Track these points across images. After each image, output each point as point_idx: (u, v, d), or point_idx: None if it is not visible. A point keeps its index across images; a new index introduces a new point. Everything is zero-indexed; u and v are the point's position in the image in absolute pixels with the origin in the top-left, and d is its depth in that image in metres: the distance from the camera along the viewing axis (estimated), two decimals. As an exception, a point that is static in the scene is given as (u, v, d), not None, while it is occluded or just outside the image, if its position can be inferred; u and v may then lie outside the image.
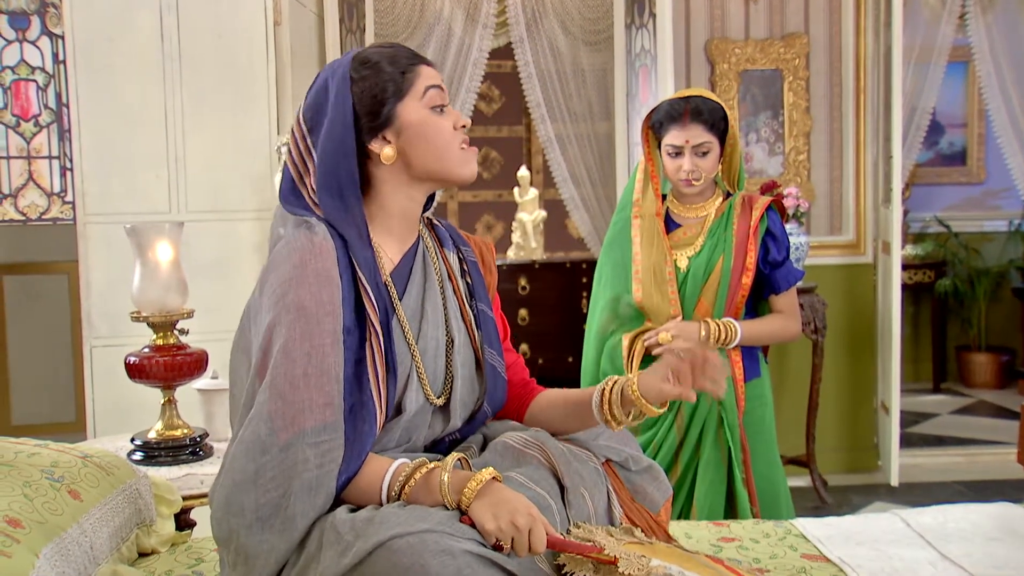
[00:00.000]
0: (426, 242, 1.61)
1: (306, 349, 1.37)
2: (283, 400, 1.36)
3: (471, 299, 1.62)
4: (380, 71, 1.49)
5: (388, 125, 1.50)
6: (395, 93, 1.49)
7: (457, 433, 1.57)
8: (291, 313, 1.39)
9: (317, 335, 1.38)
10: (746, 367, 2.49)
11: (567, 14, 4.67)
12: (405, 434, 1.51)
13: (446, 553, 1.25)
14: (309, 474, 1.34)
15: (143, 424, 2.47)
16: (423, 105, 1.50)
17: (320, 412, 1.35)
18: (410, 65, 1.51)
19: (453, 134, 1.52)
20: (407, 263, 1.56)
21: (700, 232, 2.48)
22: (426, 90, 1.50)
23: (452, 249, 1.64)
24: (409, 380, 1.49)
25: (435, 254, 1.61)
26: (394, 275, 1.53)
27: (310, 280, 1.40)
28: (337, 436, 1.36)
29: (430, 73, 1.53)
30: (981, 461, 4.68)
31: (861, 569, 1.71)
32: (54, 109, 4.17)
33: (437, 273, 1.59)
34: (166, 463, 2.22)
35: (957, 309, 6.33)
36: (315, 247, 1.42)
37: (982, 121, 6.30)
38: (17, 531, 1.43)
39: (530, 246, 5.64)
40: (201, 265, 3.36)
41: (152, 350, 2.24)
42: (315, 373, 1.36)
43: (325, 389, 1.37)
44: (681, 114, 2.41)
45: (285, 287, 1.41)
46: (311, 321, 1.38)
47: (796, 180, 4.47)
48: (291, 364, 1.37)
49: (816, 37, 4.47)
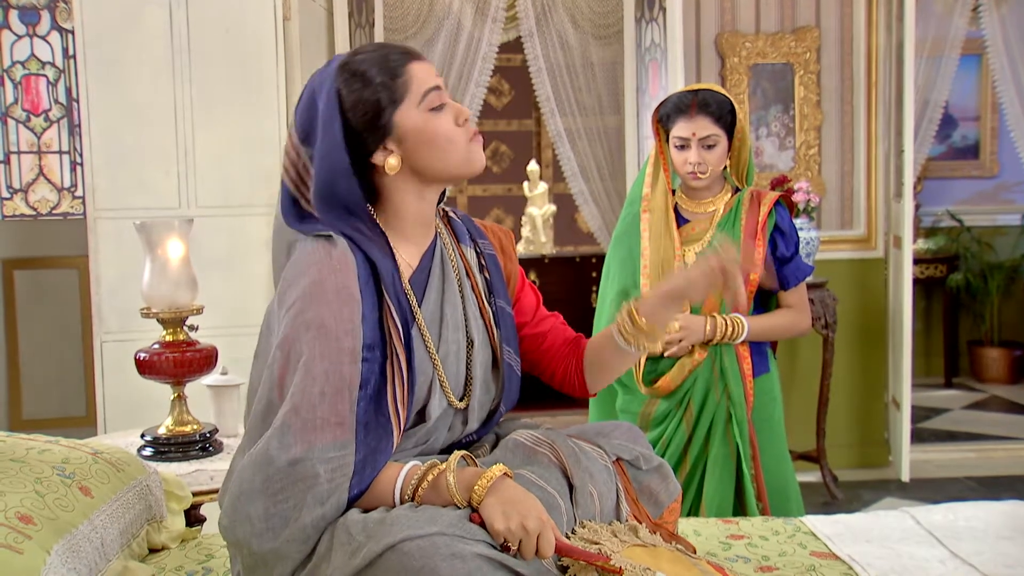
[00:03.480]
0: (443, 239, 1.58)
1: (324, 367, 1.35)
2: (298, 416, 1.34)
3: (490, 295, 1.60)
4: (369, 81, 1.43)
5: (389, 135, 1.45)
6: (390, 101, 1.44)
7: (474, 435, 1.57)
8: (311, 331, 1.36)
9: (335, 353, 1.36)
10: (755, 363, 2.48)
11: (577, 8, 4.65)
12: (424, 437, 1.50)
13: (456, 557, 1.25)
14: (320, 488, 1.33)
15: (153, 419, 2.48)
16: (422, 109, 1.45)
17: (333, 430, 1.34)
18: (400, 67, 1.45)
19: (456, 131, 1.47)
20: (426, 265, 1.53)
21: (708, 227, 2.47)
22: (424, 94, 1.45)
23: (469, 244, 1.62)
24: (432, 388, 1.47)
25: (452, 251, 1.58)
26: (413, 280, 1.51)
27: (330, 297, 1.38)
28: (348, 453, 1.35)
29: (423, 72, 1.46)
30: (993, 457, 4.66)
31: (871, 567, 1.70)
32: (64, 104, 4.17)
33: (456, 271, 1.56)
34: (176, 459, 2.22)
35: (969, 303, 6.29)
36: (334, 261, 1.39)
37: (995, 114, 6.26)
38: (29, 527, 1.44)
39: (540, 240, 5.64)
40: (210, 260, 3.36)
41: (162, 346, 2.25)
42: (332, 392, 1.35)
43: (339, 408, 1.35)
44: (688, 106, 2.40)
45: (304, 303, 1.38)
46: (330, 339, 1.36)
47: (807, 174, 4.45)
48: (310, 382, 1.35)
49: (827, 30, 4.44)
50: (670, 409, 2.46)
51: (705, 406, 2.43)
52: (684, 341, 2.39)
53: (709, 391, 2.43)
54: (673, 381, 2.42)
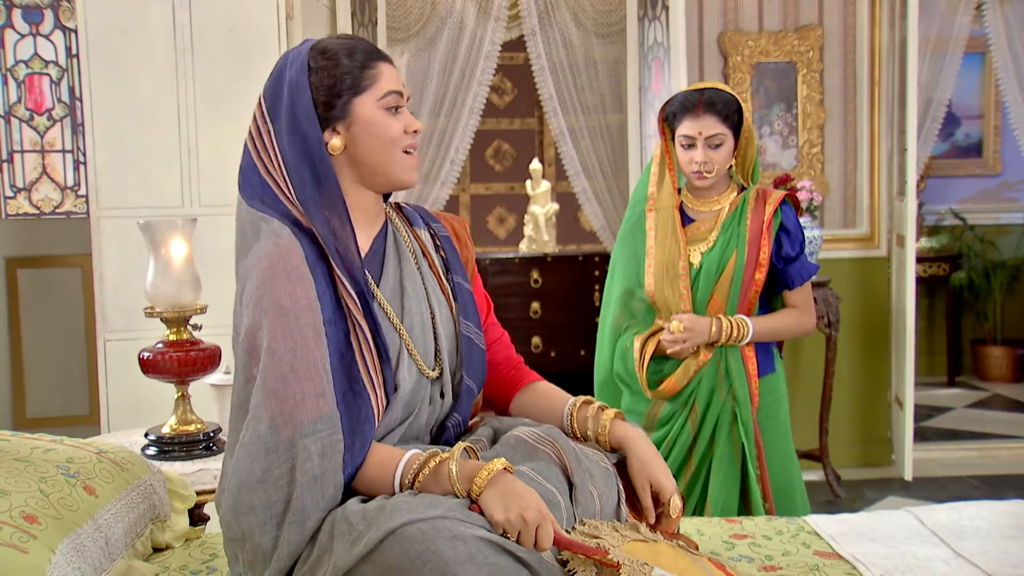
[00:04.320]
0: (395, 223, 1.62)
1: (290, 345, 1.39)
2: (277, 398, 1.37)
3: (447, 272, 1.63)
4: (338, 63, 1.49)
5: (341, 118, 1.50)
6: (351, 87, 1.49)
7: (456, 415, 1.58)
8: (269, 314, 1.40)
9: (298, 330, 1.39)
10: (760, 362, 2.47)
11: (579, 6, 4.65)
12: (405, 411, 1.52)
13: (457, 539, 1.26)
14: (313, 466, 1.35)
15: (157, 418, 2.48)
16: (380, 105, 1.50)
17: (314, 404, 1.37)
18: (369, 61, 1.51)
19: (400, 136, 1.52)
20: (379, 246, 1.58)
21: (713, 227, 2.46)
22: (387, 93, 1.50)
23: (423, 227, 1.66)
24: (400, 358, 1.50)
25: (406, 233, 1.62)
26: (367, 260, 1.54)
27: (282, 280, 1.41)
28: (334, 426, 1.38)
29: (391, 74, 1.53)
30: (996, 455, 4.66)
31: (874, 567, 1.70)
32: (67, 103, 4.18)
33: (411, 251, 1.60)
34: (180, 458, 2.22)
35: (972, 302, 6.28)
36: (281, 250, 1.43)
37: (999, 113, 6.25)
38: (34, 527, 1.44)
39: (542, 239, 5.64)
40: (214, 259, 3.35)
41: (165, 345, 2.25)
42: (302, 367, 1.38)
43: (315, 381, 1.38)
44: (695, 105, 2.40)
45: (260, 292, 1.42)
46: (289, 318, 1.40)
47: (810, 173, 4.44)
48: (278, 362, 1.38)
49: (830, 29, 4.44)
50: (675, 410, 2.46)
51: (710, 406, 2.43)
52: (688, 342, 2.38)
53: (714, 391, 2.43)
54: (678, 383, 2.42)
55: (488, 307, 1.74)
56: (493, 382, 1.71)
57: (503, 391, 1.72)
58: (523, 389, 1.70)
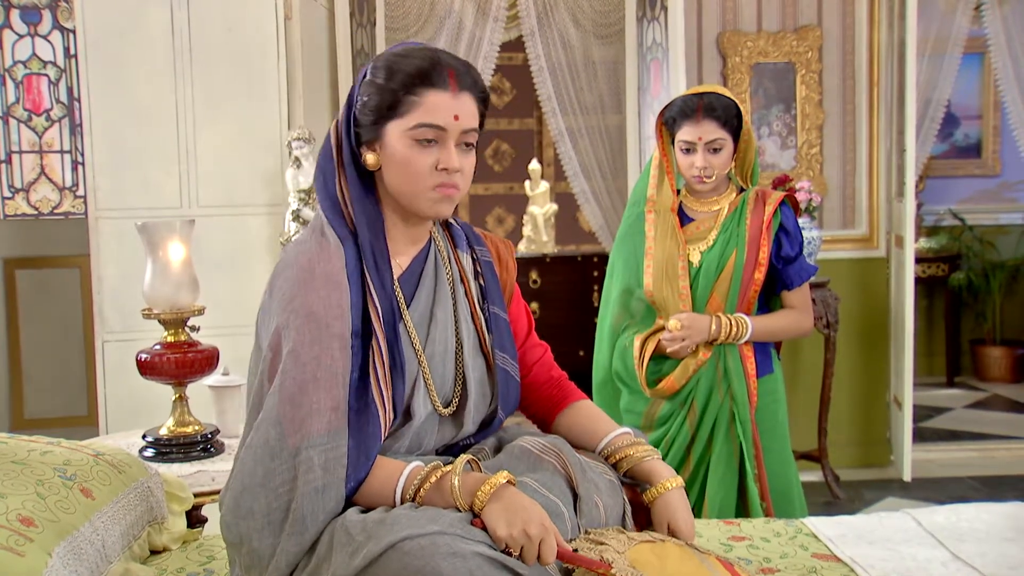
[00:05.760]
0: (438, 244, 1.58)
1: (315, 353, 1.37)
2: (292, 404, 1.36)
3: (483, 302, 1.60)
4: (383, 81, 1.44)
5: (375, 138, 1.46)
6: (388, 112, 1.43)
7: (471, 439, 1.57)
8: (300, 317, 1.38)
9: (326, 339, 1.38)
10: (759, 363, 2.47)
11: (578, 7, 4.64)
12: (416, 440, 1.50)
13: (457, 555, 1.25)
14: (315, 478, 1.34)
15: (155, 418, 2.48)
16: (408, 135, 1.42)
17: (328, 417, 1.35)
18: (414, 86, 1.42)
19: (429, 174, 1.43)
20: (416, 267, 1.54)
21: (713, 227, 2.46)
22: (417, 125, 1.41)
23: (466, 250, 1.62)
24: (416, 386, 1.48)
25: (447, 257, 1.58)
26: (403, 279, 1.52)
27: (318, 284, 1.40)
28: (342, 443, 1.36)
29: (436, 104, 1.42)
30: (995, 456, 4.66)
31: (872, 569, 1.70)
32: (66, 104, 4.17)
33: (449, 276, 1.57)
34: (177, 460, 2.22)
35: (971, 303, 6.29)
36: (323, 251, 1.42)
37: (998, 113, 6.25)
38: (30, 530, 1.44)
39: (541, 239, 5.64)
40: (212, 260, 3.36)
41: (163, 347, 2.25)
42: (324, 377, 1.36)
43: (333, 393, 1.36)
44: (694, 110, 2.40)
45: (293, 291, 1.40)
46: (320, 325, 1.38)
47: (808, 174, 4.44)
48: (300, 368, 1.37)
49: (829, 29, 4.43)
50: (674, 409, 2.46)
51: (708, 405, 2.43)
52: (687, 341, 2.38)
53: (713, 390, 2.43)
54: (677, 382, 2.42)
55: (529, 326, 1.71)
56: (536, 401, 1.70)
57: (545, 411, 1.70)
58: (564, 410, 1.68)
